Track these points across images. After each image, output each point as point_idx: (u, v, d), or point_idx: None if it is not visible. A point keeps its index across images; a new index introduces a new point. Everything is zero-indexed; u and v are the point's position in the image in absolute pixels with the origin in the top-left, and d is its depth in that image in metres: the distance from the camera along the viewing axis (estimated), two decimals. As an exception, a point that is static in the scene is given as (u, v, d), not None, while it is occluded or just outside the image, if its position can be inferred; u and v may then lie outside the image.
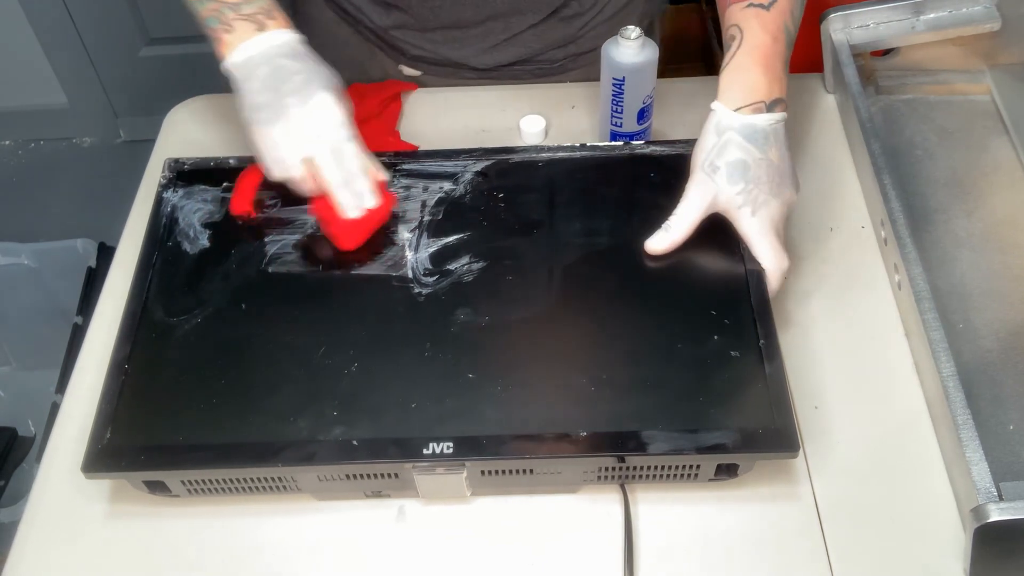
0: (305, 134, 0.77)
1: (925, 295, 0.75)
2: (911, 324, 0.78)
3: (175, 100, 1.05)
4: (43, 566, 0.71)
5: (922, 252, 0.79)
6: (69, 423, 0.77)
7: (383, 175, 0.81)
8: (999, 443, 0.71)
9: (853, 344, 0.79)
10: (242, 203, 0.82)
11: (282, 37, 0.79)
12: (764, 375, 0.70)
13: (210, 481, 0.70)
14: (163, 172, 0.86)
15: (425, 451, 0.67)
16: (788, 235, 0.86)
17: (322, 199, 0.79)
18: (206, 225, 0.82)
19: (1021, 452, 0.71)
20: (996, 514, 0.62)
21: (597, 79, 0.88)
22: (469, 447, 0.67)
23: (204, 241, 0.81)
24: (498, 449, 0.67)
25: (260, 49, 0.78)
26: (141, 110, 2.21)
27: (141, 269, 0.79)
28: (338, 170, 0.78)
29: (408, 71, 1.04)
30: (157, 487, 0.71)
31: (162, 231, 0.82)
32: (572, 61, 1.03)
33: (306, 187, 0.79)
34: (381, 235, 0.80)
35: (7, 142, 2.28)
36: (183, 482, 0.70)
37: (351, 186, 0.78)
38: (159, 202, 0.84)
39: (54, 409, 0.79)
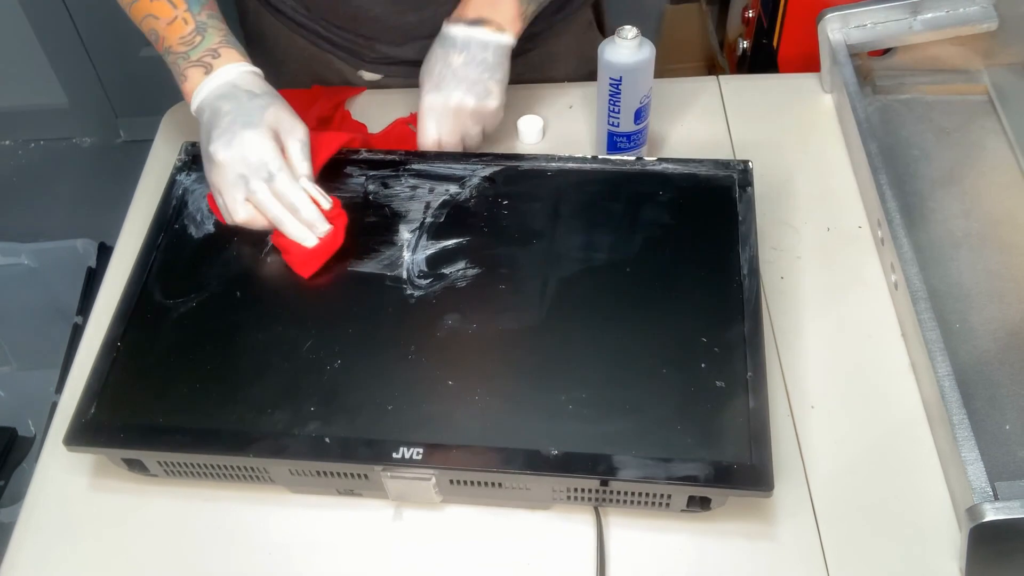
0: (235, 175, 0.77)
1: (921, 295, 0.75)
2: (908, 324, 0.78)
3: (175, 100, 1.04)
4: (39, 566, 0.71)
5: (919, 252, 0.79)
6: (66, 423, 0.77)
7: (325, 202, 0.79)
8: (995, 443, 0.71)
9: (850, 344, 0.79)
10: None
11: (225, 76, 0.79)
12: (747, 409, 0.67)
13: (186, 464, 0.70)
14: (179, 155, 0.87)
15: (395, 455, 0.66)
16: (785, 234, 0.87)
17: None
18: None
19: (1017, 452, 0.71)
20: (992, 514, 0.62)
21: (561, 59, 0.88)
22: (439, 455, 0.66)
23: (209, 226, 0.81)
24: (467, 460, 0.66)
25: (205, 92, 0.79)
26: (141, 110, 2.21)
27: (146, 249, 0.79)
28: (277, 204, 0.77)
29: (367, 75, 1.03)
30: (136, 466, 0.71)
31: (171, 213, 0.82)
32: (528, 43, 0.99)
33: (258, 225, 0.79)
34: (381, 233, 0.80)
35: (7, 142, 2.28)
36: (160, 463, 0.71)
37: (298, 216, 0.77)
38: (172, 184, 0.84)
39: (54, 409, 0.79)
